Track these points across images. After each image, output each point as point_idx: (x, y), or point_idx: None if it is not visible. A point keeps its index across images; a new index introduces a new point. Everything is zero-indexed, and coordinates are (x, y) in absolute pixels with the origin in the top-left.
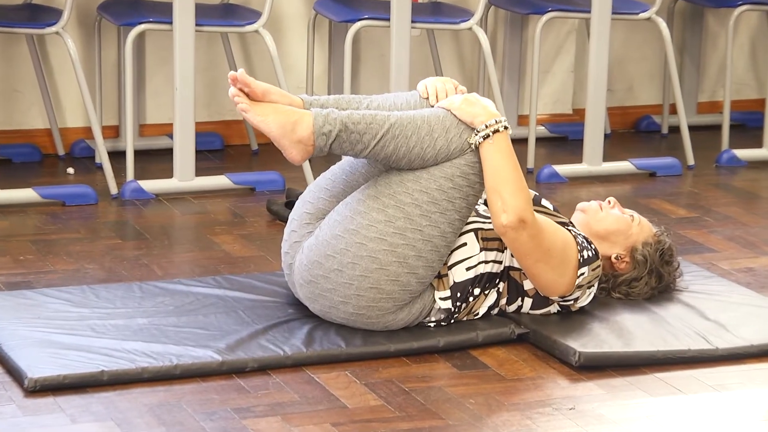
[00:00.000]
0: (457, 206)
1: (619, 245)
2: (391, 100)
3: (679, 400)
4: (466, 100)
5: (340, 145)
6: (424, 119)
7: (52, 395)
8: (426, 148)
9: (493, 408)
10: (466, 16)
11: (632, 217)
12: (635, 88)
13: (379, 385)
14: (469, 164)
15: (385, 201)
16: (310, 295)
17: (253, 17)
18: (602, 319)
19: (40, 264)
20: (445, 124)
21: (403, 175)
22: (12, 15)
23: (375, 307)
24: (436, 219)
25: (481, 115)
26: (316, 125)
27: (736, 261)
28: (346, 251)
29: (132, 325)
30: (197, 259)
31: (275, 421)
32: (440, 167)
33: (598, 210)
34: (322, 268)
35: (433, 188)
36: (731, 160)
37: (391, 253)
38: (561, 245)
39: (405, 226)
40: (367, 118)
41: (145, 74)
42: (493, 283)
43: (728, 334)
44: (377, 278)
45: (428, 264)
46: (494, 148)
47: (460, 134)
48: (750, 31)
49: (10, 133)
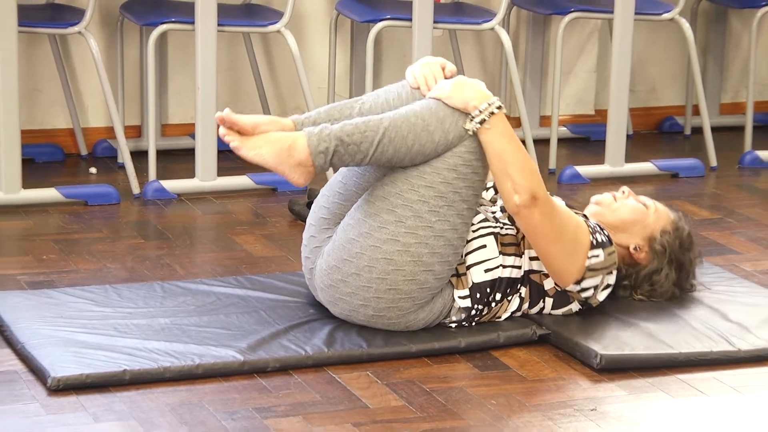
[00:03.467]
0: (464, 196)
1: (637, 235)
2: (383, 98)
3: (701, 402)
4: (456, 85)
5: (340, 158)
6: (417, 115)
7: (74, 394)
8: (425, 143)
9: (515, 409)
10: (488, 17)
11: (647, 206)
12: (658, 89)
13: (400, 385)
14: (470, 150)
15: (393, 201)
16: (330, 299)
17: (275, 17)
18: (623, 321)
19: (63, 263)
20: (439, 115)
21: (407, 172)
22: (34, 15)
23: (395, 307)
24: (444, 213)
25: (474, 99)
26: (312, 145)
27: (759, 263)
28: (362, 255)
29: (154, 324)
30: (219, 259)
31: (297, 421)
32: (442, 159)
33: (612, 201)
34: (340, 273)
35: (438, 182)
36: (754, 162)
37: (405, 253)
38: (573, 226)
39: (416, 224)
40: (360, 127)
41: (167, 74)
42: (515, 288)
43: (750, 336)
44: (394, 279)
45: (443, 259)
46: (493, 132)
47: (456, 122)
48: None
49: (33, 132)
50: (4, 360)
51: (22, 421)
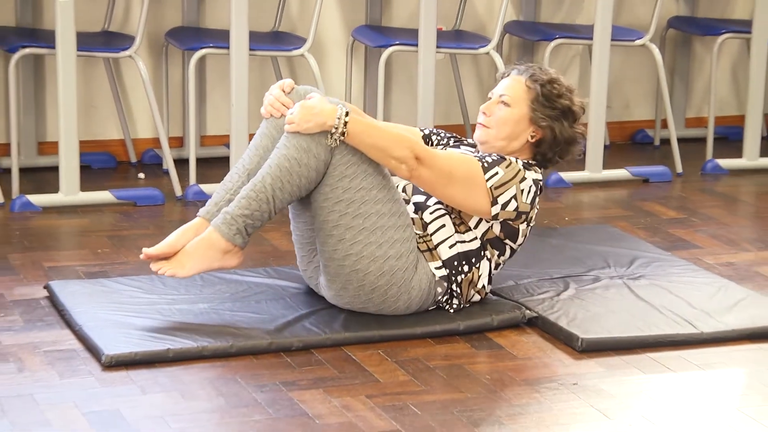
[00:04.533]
0: (367, 186)
1: (523, 129)
2: (254, 148)
3: (669, 377)
4: (304, 113)
5: (254, 227)
6: (287, 157)
7: (125, 369)
8: (308, 174)
9: (506, 383)
10: (484, 42)
11: (507, 103)
12: (631, 106)
13: (407, 362)
14: (344, 155)
15: (326, 228)
16: (341, 304)
17: (299, 43)
18: (602, 309)
19: (115, 256)
20: (303, 146)
21: (319, 203)
22: (91, 41)
23: (386, 299)
24: (364, 210)
25: (326, 120)
26: (226, 235)
27: (719, 256)
28: (339, 273)
29: (194, 309)
30: (250, 253)
31: (317, 393)
32: (329, 175)
33: (484, 129)
34: (334, 288)
35: (340, 194)
36: (715, 169)
37: (362, 259)
38: (460, 163)
39: (352, 235)
40: (251, 196)
41: (206, 92)
42: (480, 256)
43: (712, 320)
44: (370, 281)
45: (393, 241)
46: (354, 137)
47: (319, 144)
48: (731, 56)
49: (90, 143)
50: (64, 340)
51: (80, 393)
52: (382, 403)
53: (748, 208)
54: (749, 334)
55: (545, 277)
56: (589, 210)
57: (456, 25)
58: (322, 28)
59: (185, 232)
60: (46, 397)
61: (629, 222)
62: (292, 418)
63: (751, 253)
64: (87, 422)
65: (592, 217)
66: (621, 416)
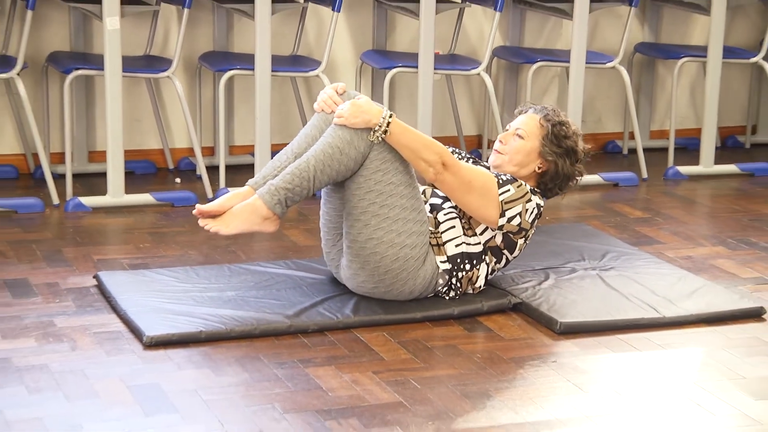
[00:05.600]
0: (397, 182)
1: (532, 160)
2: (303, 136)
3: (635, 356)
4: (353, 110)
5: (293, 200)
6: (331, 145)
7: (163, 349)
8: (347, 163)
9: (495, 361)
10: (475, 65)
11: (522, 136)
12: (603, 120)
13: (408, 342)
14: (381, 152)
15: (355, 213)
16: (354, 285)
17: (314, 65)
18: (577, 297)
19: (155, 250)
20: (347, 138)
21: (352, 190)
22: (134, 63)
23: (395, 282)
24: (391, 202)
25: (372, 117)
26: (268, 203)
27: (679, 251)
28: (359, 255)
29: (223, 296)
30: (272, 247)
31: (330, 370)
32: (365, 167)
33: (502, 157)
34: (352, 269)
35: (372, 185)
36: (675, 175)
37: (382, 243)
38: (479, 175)
39: (377, 221)
40: (296, 173)
41: (234, 107)
42: (480, 259)
43: (673, 306)
44: (385, 264)
45: (411, 232)
46: (393, 135)
47: (362, 138)
48: (690, 77)
49: (133, 152)
50: (110, 323)
51: (124, 369)
52: (386, 378)
53: (705, 208)
54: (705, 318)
55: (528, 268)
56: (566, 210)
57: (451, 49)
58: (334, 52)
59: (234, 197)
60: (94, 372)
61: (601, 221)
62: (308, 391)
63: (707, 248)
64: (130, 394)
65: (569, 217)
66: (594, 389)
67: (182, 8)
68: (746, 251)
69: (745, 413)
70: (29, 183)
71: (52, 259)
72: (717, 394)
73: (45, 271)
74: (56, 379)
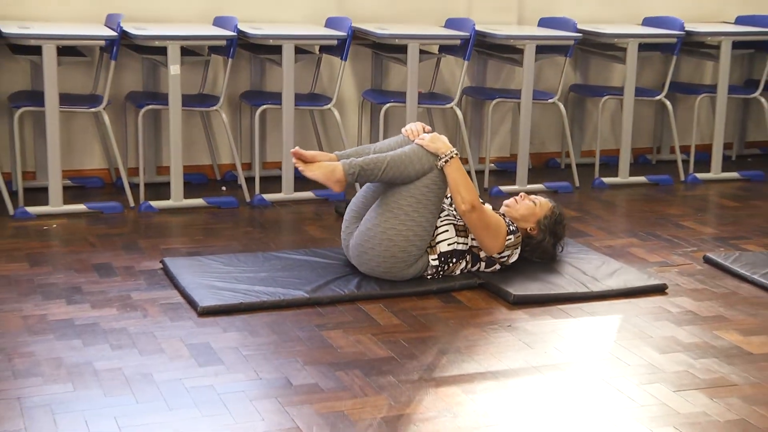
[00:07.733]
0: (432, 201)
1: (530, 222)
2: (387, 142)
3: (571, 321)
4: (432, 138)
5: (362, 177)
6: (407, 154)
7: (212, 316)
8: (410, 171)
9: (464, 325)
10: (449, 101)
11: (535, 203)
12: (546, 142)
13: (399, 312)
14: (436, 176)
15: (392, 206)
16: (359, 261)
17: (327, 101)
18: (527, 276)
19: (206, 242)
20: (419, 154)
21: (401, 190)
22: (191, 100)
23: (395, 266)
24: (421, 211)
25: (443, 148)
26: (346, 171)
27: (604, 242)
28: (374, 237)
29: (257, 276)
30: (295, 240)
31: (339, 332)
32: (420, 180)
33: (515, 203)
34: (363, 248)
35: (418, 194)
36: (600, 184)
37: (398, 234)
38: (496, 222)
39: (404, 218)
40: (374, 159)
41: (266, 133)
42: (463, 256)
43: (598, 283)
44: (393, 250)
45: (420, 237)
46: (452, 167)
47: (429, 160)
48: (611, 111)
49: (190, 166)
50: (173, 297)
51: (183, 331)
52: (382, 338)
53: (622, 210)
54: (623, 292)
55: None
56: None
57: (431, 88)
58: (342, 91)
59: (325, 155)
60: (161, 333)
61: None
62: (322, 348)
63: (624, 239)
64: (187, 350)
65: None
66: (539, 347)
67: (227, 58)
68: (653, 242)
69: (651, 363)
70: (112, 190)
71: (129, 248)
72: (631, 350)
73: (123, 257)
74: (132, 339)
